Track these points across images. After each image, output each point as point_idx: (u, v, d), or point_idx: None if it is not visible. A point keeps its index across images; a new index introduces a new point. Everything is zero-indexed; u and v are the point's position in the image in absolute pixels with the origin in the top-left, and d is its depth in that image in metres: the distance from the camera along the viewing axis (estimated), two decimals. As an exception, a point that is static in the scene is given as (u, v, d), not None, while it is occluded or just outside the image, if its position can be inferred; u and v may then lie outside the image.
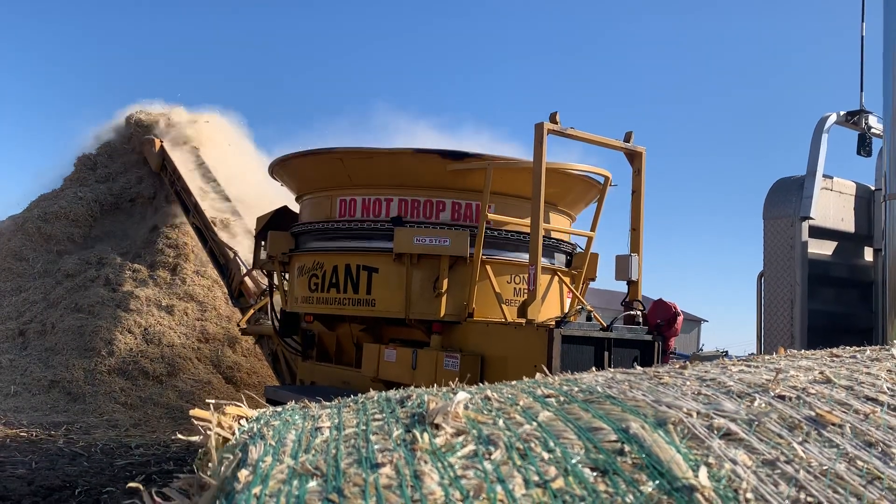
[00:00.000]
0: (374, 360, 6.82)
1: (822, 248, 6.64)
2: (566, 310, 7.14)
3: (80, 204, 15.17)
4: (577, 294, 7.17)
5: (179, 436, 2.17)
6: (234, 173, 14.74)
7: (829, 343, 3.42)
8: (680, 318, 6.26)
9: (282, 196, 8.77)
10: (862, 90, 6.90)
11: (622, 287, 6.77)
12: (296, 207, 8.24)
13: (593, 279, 7.60)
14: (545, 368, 3.83)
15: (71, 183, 16.08)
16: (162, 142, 14.94)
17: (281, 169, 7.82)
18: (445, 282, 6.50)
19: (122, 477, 7.31)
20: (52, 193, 15.97)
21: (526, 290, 6.25)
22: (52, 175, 16.74)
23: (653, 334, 6.13)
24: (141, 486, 1.67)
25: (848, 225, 6.85)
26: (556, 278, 7.13)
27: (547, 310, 6.71)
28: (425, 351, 6.39)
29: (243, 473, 1.48)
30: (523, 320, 5.90)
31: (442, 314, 6.49)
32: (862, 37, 6.92)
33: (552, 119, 6.02)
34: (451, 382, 2.39)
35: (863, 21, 6.95)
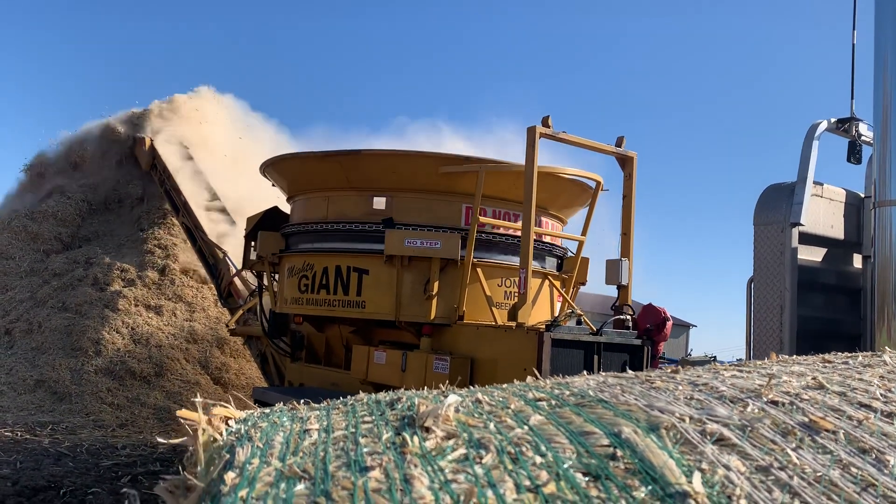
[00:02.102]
0: (364, 362, 6.78)
1: (812, 255, 6.66)
2: (556, 313, 7.13)
3: (68, 203, 15.07)
4: (568, 298, 7.17)
5: (163, 439, 2.15)
6: (226, 171, 14.65)
7: (818, 349, 3.42)
8: (669, 323, 6.27)
9: (274, 195, 8.72)
10: (853, 98, 6.95)
11: (612, 291, 6.77)
12: (287, 208, 8.20)
13: (584, 283, 7.60)
14: (536, 372, 3.82)
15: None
16: (152, 140, 14.85)
17: (273, 169, 7.79)
18: (436, 284, 6.48)
19: (108, 477, 7.24)
20: (40, 192, 15.84)
21: (516, 294, 6.24)
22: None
23: (642, 339, 6.13)
24: (131, 492, 1.64)
25: (837, 232, 6.88)
26: (547, 282, 7.12)
27: (537, 313, 6.70)
28: (415, 353, 6.36)
29: (230, 476, 1.46)
30: (513, 323, 5.88)
31: (432, 316, 6.46)
32: (853, 45, 6.96)
33: (544, 123, 6.01)
34: (441, 385, 2.37)
35: (854, 29, 7.00)
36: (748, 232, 6.64)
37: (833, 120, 6.86)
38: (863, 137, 6.90)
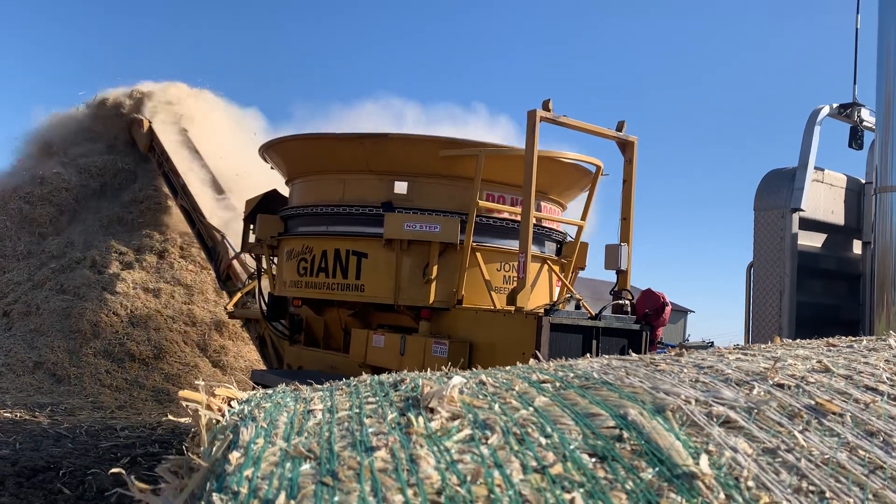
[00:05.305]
0: (362, 346, 6.79)
1: (812, 240, 6.65)
2: (555, 298, 7.13)
3: (64, 185, 14.98)
4: (567, 283, 7.16)
5: (170, 417, 2.14)
6: (223, 154, 14.57)
7: (816, 335, 3.41)
8: (668, 309, 6.26)
9: (273, 178, 8.69)
10: (855, 83, 6.91)
11: (611, 276, 6.76)
12: (285, 191, 8.17)
13: (583, 268, 7.59)
14: (539, 354, 3.82)
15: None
16: (150, 122, 14.76)
17: (272, 151, 7.75)
18: (435, 268, 6.47)
19: (107, 459, 7.26)
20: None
21: (515, 278, 6.23)
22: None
23: (641, 324, 6.13)
24: (123, 471, 1.64)
25: (838, 217, 6.87)
26: (546, 267, 7.12)
27: (536, 298, 6.69)
28: (413, 337, 6.36)
29: (234, 455, 1.45)
30: (512, 308, 5.88)
31: (431, 300, 6.46)
32: (856, 30, 6.92)
33: (545, 106, 5.98)
34: (443, 367, 2.37)
35: (857, 14, 6.95)
36: (748, 218, 6.63)
37: (835, 105, 6.83)
38: (864, 123, 6.88)
